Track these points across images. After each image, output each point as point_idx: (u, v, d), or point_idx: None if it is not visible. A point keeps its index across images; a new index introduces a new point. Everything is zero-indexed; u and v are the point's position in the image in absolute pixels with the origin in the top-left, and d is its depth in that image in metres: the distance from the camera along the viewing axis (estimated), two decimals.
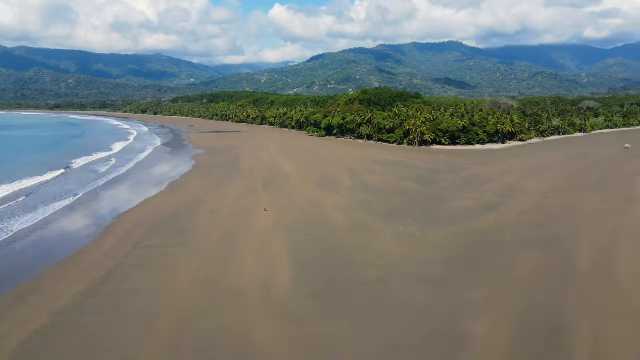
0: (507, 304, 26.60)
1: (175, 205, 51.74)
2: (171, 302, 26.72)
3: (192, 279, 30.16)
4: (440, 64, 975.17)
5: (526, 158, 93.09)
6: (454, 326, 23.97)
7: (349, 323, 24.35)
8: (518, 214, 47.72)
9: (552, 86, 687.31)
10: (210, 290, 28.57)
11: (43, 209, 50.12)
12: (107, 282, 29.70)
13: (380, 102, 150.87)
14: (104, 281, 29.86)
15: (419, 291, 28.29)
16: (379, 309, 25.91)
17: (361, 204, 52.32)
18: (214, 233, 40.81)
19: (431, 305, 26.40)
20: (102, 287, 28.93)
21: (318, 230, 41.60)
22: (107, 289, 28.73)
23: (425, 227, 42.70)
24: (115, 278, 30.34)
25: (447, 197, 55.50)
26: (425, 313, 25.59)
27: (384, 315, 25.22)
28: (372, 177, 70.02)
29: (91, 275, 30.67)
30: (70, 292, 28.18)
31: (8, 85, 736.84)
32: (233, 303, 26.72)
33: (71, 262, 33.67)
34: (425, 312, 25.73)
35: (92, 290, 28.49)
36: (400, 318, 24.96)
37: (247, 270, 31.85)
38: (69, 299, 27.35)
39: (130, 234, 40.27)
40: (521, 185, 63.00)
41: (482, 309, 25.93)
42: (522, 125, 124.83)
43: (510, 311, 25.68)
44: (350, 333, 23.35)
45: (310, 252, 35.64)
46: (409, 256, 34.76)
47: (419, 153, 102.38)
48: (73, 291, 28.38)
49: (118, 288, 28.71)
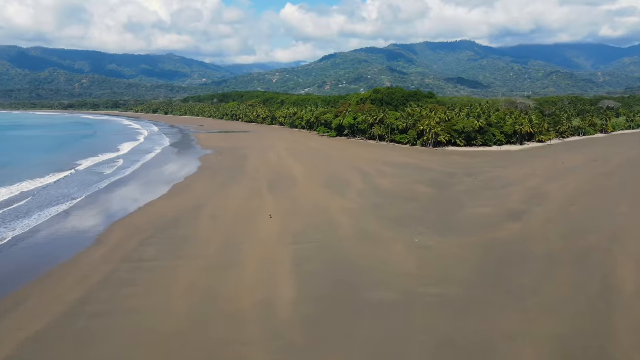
0: (544, 334, 22.96)
1: (175, 210, 48.96)
2: (155, 332, 23.65)
3: (184, 300, 27.10)
4: (453, 63, 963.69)
5: (547, 160, 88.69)
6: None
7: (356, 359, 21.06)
8: (543, 222, 43.91)
9: (567, 86, 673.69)
10: (202, 313, 25.46)
11: (37, 214, 47.68)
12: (88, 303, 26.74)
13: (393, 102, 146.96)
14: (83, 301, 26.90)
15: (439, 318, 24.74)
16: (393, 342, 22.45)
17: (372, 209, 48.98)
18: (213, 242, 37.82)
19: (455, 337, 22.76)
20: (80, 309, 25.98)
21: (326, 239, 38.35)
22: (87, 310, 25.75)
23: (442, 236, 39.21)
24: (98, 299, 27.34)
25: (465, 203, 51.84)
26: (449, 346, 22.01)
27: (398, 350, 21.84)
28: (384, 180, 66.60)
29: (72, 295, 27.74)
30: (47, 314, 25.38)
31: (24, 85, 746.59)
32: (227, 331, 23.59)
33: (54, 278, 30.89)
34: (449, 345, 22.12)
35: (68, 315, 25.57)
36: (419, 354, 21.53)
37: (246, 288, 28.72)
38: (46, 320, 24.54)
39: (123, 244, 37.46)
40: (544, 189, 59.02)
41: (516, 341, 22.35)
42: (541, 126, 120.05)
43: (548, 343, 22.06)
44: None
45: (317, 274, 32.38)
46: (426, 272, 31.33)
47: (433, 155, 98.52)
48: (51, 312, 25.57)
49: (97, 311, 25.67)
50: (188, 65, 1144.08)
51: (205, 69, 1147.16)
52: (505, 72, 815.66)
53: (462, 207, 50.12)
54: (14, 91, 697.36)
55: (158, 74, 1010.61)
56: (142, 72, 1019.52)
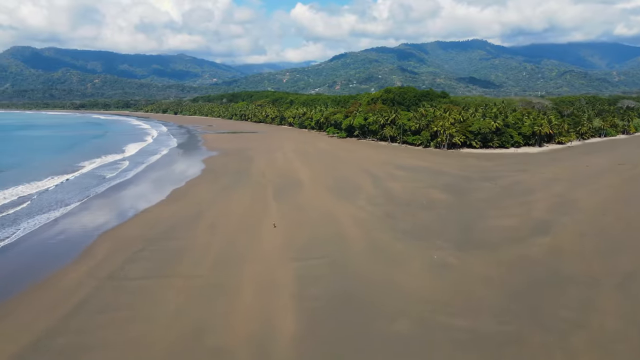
0: None
1: (172, 218, 45.42)
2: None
3: (165, 331, 23.31)
4: (464, 62, 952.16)
5: (570, 163, 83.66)
6: None
7: None
8: (575, 236, 39.51)
9: (581, 85, 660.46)
10: (185, 349, 21.64)
11: (26, 222, 44.43)
12: (56, 334, 23.05)
13: (405, 102, 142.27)
14: (51, 331, 23.23)
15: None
16: None
17: (384, 218, 44.93)
18: (208, 257, 34.12)
19: None
20: (45, 342, 22.35)
21: (333, 255, 34.40)
22: (53, 344, 22.11)
23: (463, 251, 35.07)
24: (69, 328, 23.67)
25: (485, 212, 47.53)
26: None
27: None
28: (396, 184, 62.43)
29: (40, 323, 24.15)
30: (4, 350, 21.83)
31: (37, 85, 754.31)
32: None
33: (26, 300, 27.35)
34: None
35: (28, 349, 22.01)
36: None
37: (239, 317, 24.87)
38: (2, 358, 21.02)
39: (109, 258, 33.91)
40: (571, 196, 54.41)
41: None
42: (560, 127, 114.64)
43: None
44: None
45: (322, 300, 28.48)
46: (447, 297, 27.23)
47: (448, 157, 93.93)
48: (9, 348, 22.02)
49: (65, 345, 22.02)
50: (199, 65, 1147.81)
51: (216, 68, 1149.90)
52: (518, 72, 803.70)
53: (483, 216, 45.83)
54: (27, 91, 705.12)
55: (169, 74, 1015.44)
56: (153, 72, 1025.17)
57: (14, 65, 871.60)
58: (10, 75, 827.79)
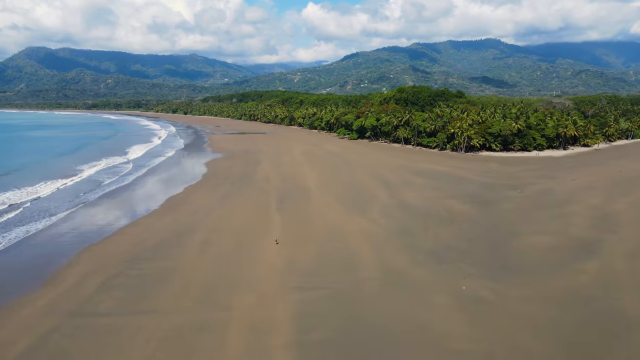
0: None
1: (161, 232, 40.55)
2: None
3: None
4: (477, 62, 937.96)
5: (600, 168, 77.05)
6: None
7: None
8: (627, 258, 33.68)
9: (597, 84, 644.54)
10: None
11: (0, 237, 40.09)
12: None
13: (419, 102, 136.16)
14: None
15: None
16: None
17: (400, 235, 39.50)
18: (195, 284, 29.09)
19: None
20: None
21: (341, 284, 29.06)
22: None
23: (497, 281, 29.52)
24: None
25: (516, 227, 41.81)
26: None
27: None
28: (412, 193, 56.89)
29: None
30: None
31: (52, 86, 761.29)
32: None
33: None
34: None
35: None
36: None
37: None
38: None
39: (79, 285, 29.03)
40: (611, 208, 48.33)
41: None
42: (586, 128, 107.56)
43: None
44: None
45: (327, 349, 23.23)
46: (485, 347, 21.77)
47: (467, 161, 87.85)
48: None
49: None
50: (210, 65, 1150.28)
51: (227, 68, 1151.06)
52: (532, 71, 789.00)
53: (513, 233, 40.12)
54: (41, 91, 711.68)
55: (181, 74, 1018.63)
56: (165, 72, 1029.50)
57: (28, 65, 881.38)
58: (25, 76, 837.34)
